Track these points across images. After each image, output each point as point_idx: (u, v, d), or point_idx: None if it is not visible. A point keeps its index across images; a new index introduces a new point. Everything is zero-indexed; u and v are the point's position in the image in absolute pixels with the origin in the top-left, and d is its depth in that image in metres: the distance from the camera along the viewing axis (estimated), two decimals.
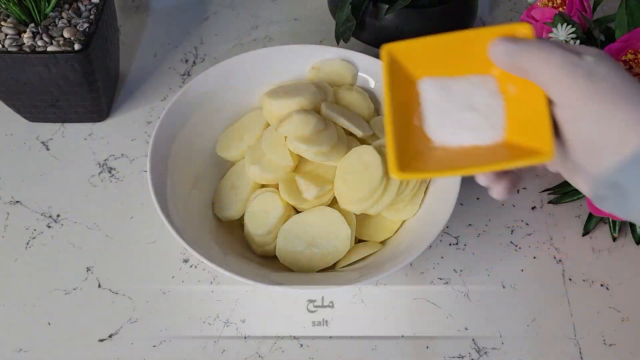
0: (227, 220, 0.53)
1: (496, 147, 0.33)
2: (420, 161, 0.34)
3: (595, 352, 0.48)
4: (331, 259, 0.49)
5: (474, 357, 0.48)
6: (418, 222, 0.50)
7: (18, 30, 0.54)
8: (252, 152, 0.52)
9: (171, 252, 0.53)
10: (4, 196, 0.57)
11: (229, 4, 0.75)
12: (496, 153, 0.33)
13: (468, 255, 0.53)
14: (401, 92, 0.35)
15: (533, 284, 0.51)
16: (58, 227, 0.55)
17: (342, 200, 0.49)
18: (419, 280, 0.52)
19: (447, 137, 0.34)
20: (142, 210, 0.56)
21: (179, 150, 0.52)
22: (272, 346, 0.48)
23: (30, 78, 0.54)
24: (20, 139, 0.62)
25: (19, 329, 0.49)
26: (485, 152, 0.33)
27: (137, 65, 0.68)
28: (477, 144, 0.33)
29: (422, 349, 0.48)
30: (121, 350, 0.48)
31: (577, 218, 0.55)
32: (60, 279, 0.52)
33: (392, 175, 0.33)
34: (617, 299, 0.50)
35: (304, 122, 0.49)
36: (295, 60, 0.57)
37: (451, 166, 0.33)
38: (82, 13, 0.56)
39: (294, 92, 0.53)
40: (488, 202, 0.56)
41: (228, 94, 0.56)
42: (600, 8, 0.62)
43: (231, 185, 0.54)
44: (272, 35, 0.71)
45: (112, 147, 0.61)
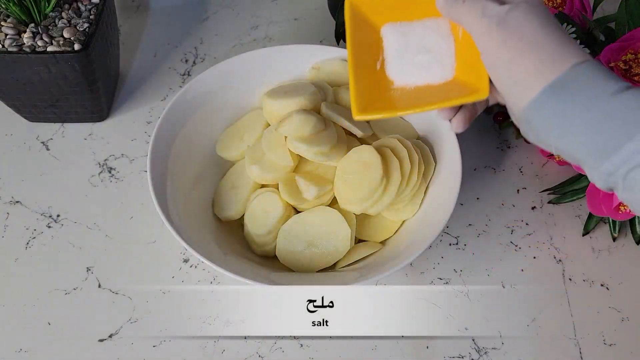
0: (227, 220, 0.53)
1: (447, 85, 0.36)
2: (381, 102, 0.37)
3: (595, 352, 0.48)
4: (331, 259, 0.49)
5: (474, 357, 0.48)
6: (418, 222, 0.50)
7: (18, 30, 0.54)
8: (252, 152, 0.52)
9: (171, 252, 0.53)
10: (4, 196, 0.57)
11: (229, 4, 0.75)
12: (447, 90, 0.36)
13: (468, 255, 0.53)
14: (365, 40, 0.39)
15: (533, 284, 0.51)
16: (58, 227, 0.55)
17: (342, 200, 0.49)
18: (419, 280, 0.52)
19: (405, 78, 0.38)
20: (142, 210, 0.56)
21: (179, 150, 0.52)
22: (272, 346, 0.48)
23: (30, 78, 0.54)
24: (20, 139, 0.62)
25: (19, 329, 0.49)
26: (438, 90, 0.36)
27: (137, 65, 0.68)
28: (430, 82, 0.37)
29: (422, 349, 0.48)
30: (121, 350, 0.48)
31: (577, 218, 0.55)
32: (60, 279, 0.52)
33: (354, 117, 0.36)
34: (617, 299, 0.50)
35: (304, 122, 0.49)
36: (295, 60, 0.57)
37: (407, 105, 0.36)
38: (82, 13, 0.56)
39: (294, 92, 0.53)
40: (488, 202, 0.56)
41: (228, 94, 0.56)
42: (600, 8, 0.62)
43: (231, 185, 0.54)
44: (272, 35, 0.71)
45: (112, 147, 0.61)
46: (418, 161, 0.49)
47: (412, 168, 0.49)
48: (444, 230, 0.49)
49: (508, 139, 0.61)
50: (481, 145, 0.60)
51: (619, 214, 0.50)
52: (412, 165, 0.49)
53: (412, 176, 0.48)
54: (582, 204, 0.56)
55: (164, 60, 0.69)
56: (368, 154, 0.48)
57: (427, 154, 0.51)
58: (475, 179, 0.58)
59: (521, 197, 0.57)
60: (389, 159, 0.48)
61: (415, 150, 0.49)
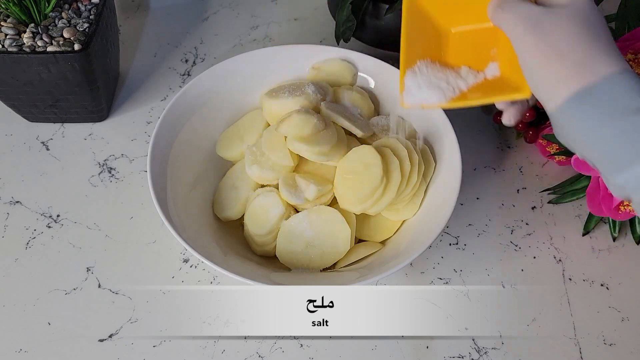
0: (227, 220, 0.53)
1: (495, 81, 0.38)
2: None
3: (595, 352, 0.48)
4: (331, 259, 0.49)
5: (474, 357, 0.48)
6: (418, 222, 0.50)
7: (18, 30, 0.54)
8: (252, 152, 0.52)
9: (171, 252, 0.53)
10: (4, 196, 0.57)
11: (229, 4, 0.75)
12: (494, 86, 0.37)
13: (468, 255, 0.53)
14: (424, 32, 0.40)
15: (533, 284, 0.51)
16: (58, 227, 0.55)
17: (342, 200, 0.49)
18: (419, 280, 0.52)
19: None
20: (142, 210, 0.56)
21: (179, 150, 0.52)
22: (272, 346, 0.48)
23: (30, 78, 0.54)
24: (20, 139, 0.62)
25: (19, 329, 0.49)
26: (486, 85, 0.38)
27: (137, 65, 0.68)
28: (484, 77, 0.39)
29: (422, 349, 0.48)
30: (121, 350, 0.48)
31: (577, 218, 0.55)
32: (60, 279, 0.52)
33: (401, 104, 0.38)
34: (617, 299, 0.50)
35: (304, 122, 0.49)
36: (295, 60, 0.57)
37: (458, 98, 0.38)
38: (82, 13, 0.56)
39: (294, 92, 0.53)
40: (488, 202, 0.56)
41: (228, 94, 0.56)
42: (600, 8, 0.62)
43: (231, 185, 0.54)
44: (272, 35, 0.71)
45: (112, 147, 0.61)
46: (418, 161, 0.49)
47: (412, 168, 0.49)
48: (444, 230, 0.49)
49: (508, 139, 0.61)
50: (481, 145, 0.60)
51: (619, 214, 0.50)
52: (412, 165, 0.49)
53: (412, 176, 0.48)
54: (582, 204, 0.56)
55: (164, 60, 0.69)
56: (368, 154, 0.48)
57: (427, 154, 0.51)
58: (475, 179, 0.58)
59: (521, 197, 0.57)
60: (389, 159, 0.48)
61: (415, 150, 0.49)
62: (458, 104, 0.38)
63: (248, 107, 0.57)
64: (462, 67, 0.39)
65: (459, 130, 0.49)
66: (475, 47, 0.40)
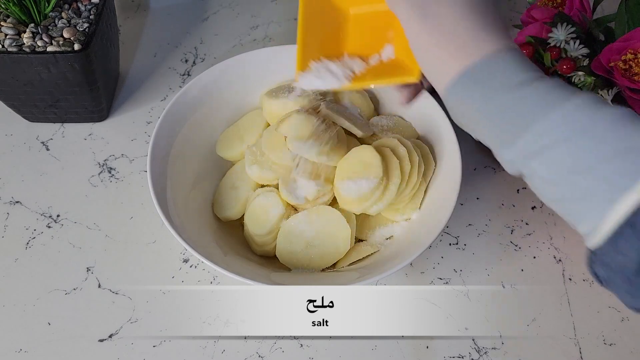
0: (227, 220, 0.53)
1: (389, 64, 0.38)
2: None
3: (595, 352, 0.48)
4: (331, 259, 0.49)
5: (474, 357, 0.48)
6: (418, 222, 0.50)
7: (18, 30, 0.54)
8: (252, 152, 0.52)
9: (171, 252, 0.53)
10: (4, 196, 0.57)
11: (229, 4, 0.75)
12: (387, 69, 0.38)
13: (468, 255, 0.53)
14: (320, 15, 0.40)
15: (533, 283, 0.51)
16: (58, 227, 0.55)
17: (342, 200, 0.49)
18: (419, 280, 0.52)
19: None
20: (142, 210, 0.56)
21: (179, 150, 0.52)
22: (272, 346, 0.48)
23: (30, 78, 0.54)
24: (20, 139, 0.62)
25: (19, 329, 0.49)
26: (382, 68, 0.39)
27: (137, 65, 0.68)
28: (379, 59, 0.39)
29: (422, 349, 0.48)
30: (121, 350, 0.48)
31: None
32: (60, 279, 0.52)
33: (297, 72, 0.39)
34: (617, 299, 0.50)
35: (304, 122, 0.49)
36: (295, 60, 0.57)
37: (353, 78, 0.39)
38: (82, 13, 0.56)
39: (294, 92, 0.53)
40: (488, 202, 0.56)
41: (228, 94, 0.56)
42: (600, 8, 0.62)
43: (231, 185, 0.54)
44: (272, 35, 0.71)
45: (112, 147, 0.61)
46: (418, 161, 0.49)
47: (412, 168, 0.49)
48: (444, 230, 0.49)
49: None
50: (481, 145, 0.60)
51: None
52: (412, 165, 0.49)
53: (412, 176, 0.48)
54: None
55: (164, 60, 0.69)
56: (368, 154, 0.48)
57: (427, 154, 0.51)
58: (475, 179, 0.58)
59: (521, 197, 0.57)
60: (389, 159, 0.48)
61: (415, 150, 0.49)
62: (349, 88, 0.39)
63: (248, 107, 0.57)
64: (358, 50, 0.40)
65: (459, 130, 0.49)
66: (373, 29, 0.40)
